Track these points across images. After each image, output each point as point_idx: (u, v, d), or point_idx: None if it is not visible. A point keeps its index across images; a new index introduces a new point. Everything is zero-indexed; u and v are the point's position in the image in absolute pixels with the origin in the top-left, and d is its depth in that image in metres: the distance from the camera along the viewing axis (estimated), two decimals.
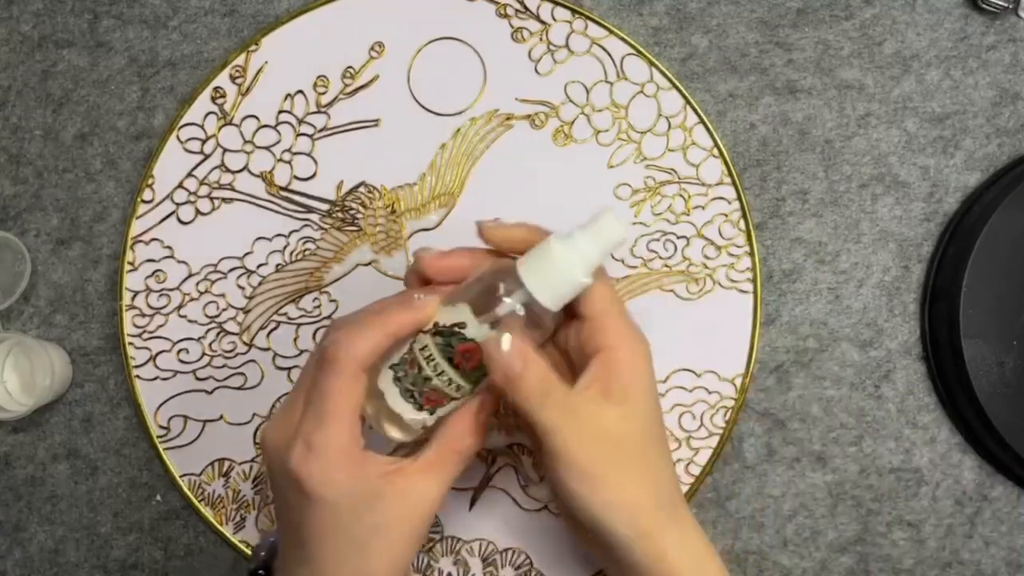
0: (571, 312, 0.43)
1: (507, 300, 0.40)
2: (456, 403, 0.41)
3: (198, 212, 0.55)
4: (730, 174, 0.55)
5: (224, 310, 0.55)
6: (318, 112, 0.55)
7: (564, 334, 0.44)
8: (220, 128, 0.55)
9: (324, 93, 0.55)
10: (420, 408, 0.41)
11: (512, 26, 0.55)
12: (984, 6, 0.55)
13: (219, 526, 0.54)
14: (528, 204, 0.55)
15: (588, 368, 0.41)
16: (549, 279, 0.40)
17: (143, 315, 0.55)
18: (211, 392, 0.55)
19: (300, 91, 0.55)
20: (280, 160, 0.55)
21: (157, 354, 0.55)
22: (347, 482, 0.39)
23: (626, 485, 0.41)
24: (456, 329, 0.40)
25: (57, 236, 0.57)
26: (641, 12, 0.56)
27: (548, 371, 0.40)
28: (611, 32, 0.55)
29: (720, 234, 0.55)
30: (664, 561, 0.41)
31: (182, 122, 0.55)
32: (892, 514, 0.54)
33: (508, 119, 0.55)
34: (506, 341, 0.39)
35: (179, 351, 0.55)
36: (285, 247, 0.55)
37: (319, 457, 0.39)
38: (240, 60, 0.55)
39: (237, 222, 0.55)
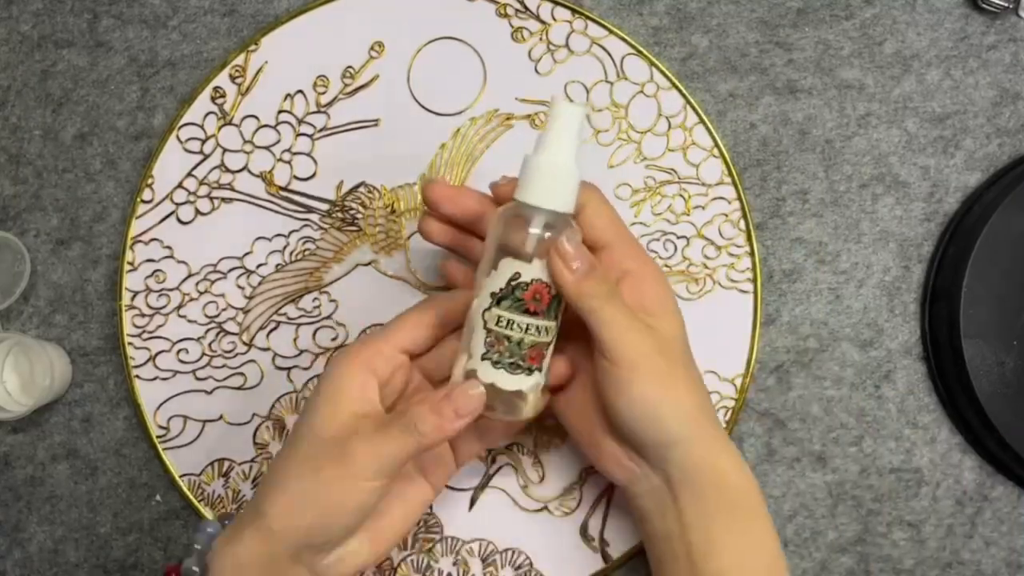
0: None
1: (532, 231, 0.41)
2: (551, 346, 0.43)
3: (198, 212, 0.55)
4: (730, 174, 0.55)
5: (224, 310, 0.55)
6: (318, 112, 0.55)
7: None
8: (220, 128, 0.55)
9: (324, 93, 0.55)
10: (531, 372, 0.42)
11: (512, 26, 0.55)
12: (984, 6, 0.55)
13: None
14: None
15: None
16: (547, 187, 0.41)
17: (143, 315, 0.55)
18: (211, 392, 0.55)
19: (300, 91, 0.55)
20: (280, 160, 0.55)
21: (157, 354, 0.55)
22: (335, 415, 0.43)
23: (679, 385, 0.43)
24: (512, 282, 0.41)
25: (57, 236, 0.57)
26: (641, 12, 0.56)
27: (608, 271, 0.43)
28: (611, 32, 0.55)
29: (720, 234, 0.55)
30: (710, 467, 0.43)
31: (182, 122, 0.55)
32: (892, 514, 0.54)
33: (508, 119, 0.55)
34: (567, 243, 0.41)
35: (179, 351, 0.55)
36: (285, 247, 0.55)
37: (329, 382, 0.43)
38: (240, 60, 0.55)
39: (237, 222, 0.55)
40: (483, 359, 0.42)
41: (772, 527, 0.44)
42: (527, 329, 0.41)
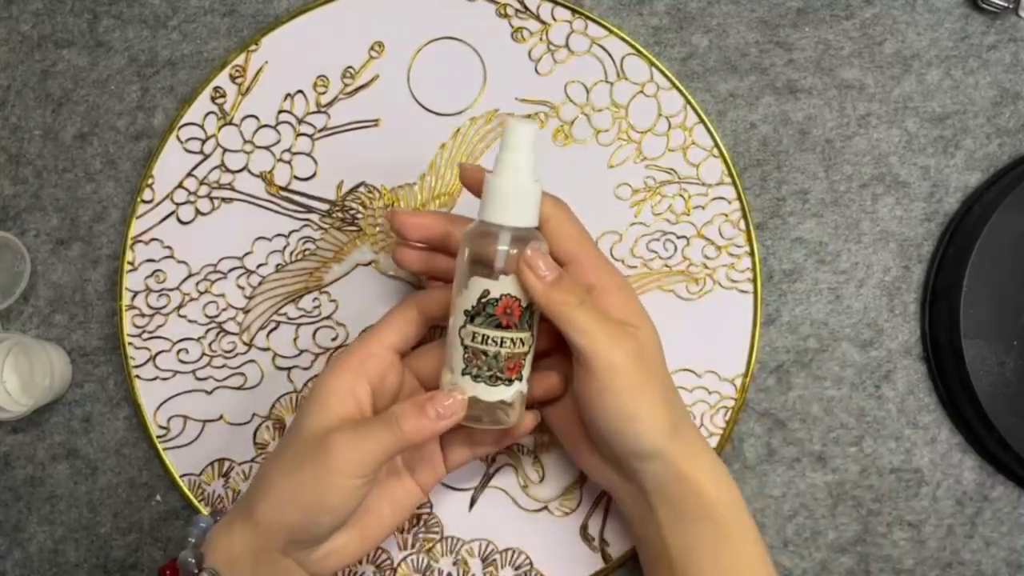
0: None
1: (499, 248, 0.42)
2: (529, 355, 0.44)
3: (198, 212, 0.55)
4: (730, 174, 0.55)
5: (224, 310, 0.55)
6: (318, 112, 0.55)
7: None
8: (220, 128, 0.55)
9: (324, 93, 0.55)
10: (510, 382, 0.43)
11: (512, 26, 0.55)
12: (984, 6, 0.55)
13: None
14: None
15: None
16: (508, 205, 0.42)
17: (143, 315, 0.55)
18: (211, 392, 0.55)
19: (300, 91, 0.55)
20: (280, 160, 0.55)
21: (157, 354, 0.55)
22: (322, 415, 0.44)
23: (655, 397, 0.43)
24: (482, 300, 0.42)
25: (57, 236, 0.57)
26: (641, 12, 0.56)
27: (577, 281, 0.43)
28: (611, 32, 0.55)
29: (720, 234, 0.55)
30: (687, 478, 0.43)
31: (182, 122, 0.55)
32: (892, 514, 0.54)
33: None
34: (533, 254, 0.42)
35: (179, 351, 0.55)
36: (285, 247, 0.55)
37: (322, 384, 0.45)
38: (240, 60, 0.55)
39: (237, 222, 0.55)
40: (463, 374, 0.43)
41: (756, 537, 0.44)
42: (502, 343, 0.42)
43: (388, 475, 0.47)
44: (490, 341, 0.42)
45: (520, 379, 0.44)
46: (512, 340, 0.43)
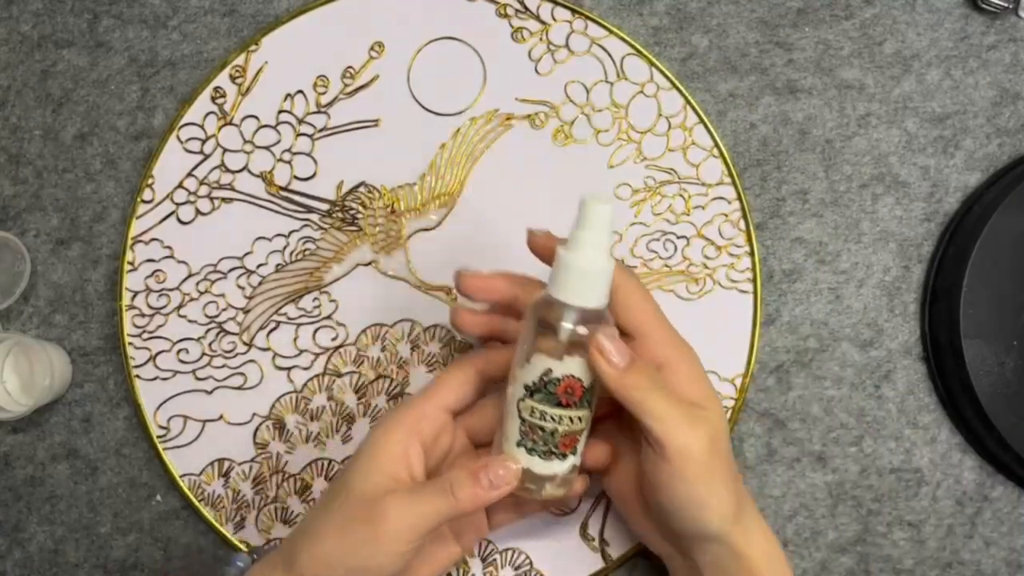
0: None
1: (565, 325, 0.41)
2: (586, 431, 0.43)
3: (198, 212, 0.55)
4: (730, 174, 0.55)
5: (224, 310, 0.55)
6: (318, 112, 0.55)
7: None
8: (220, 128, 0.55)
9: (324, 93, 0.55)
10: (564, 457, 0.43)
11: (512, 26, 0.55)
12: (984, 6, 0.55)
13: (219, 526, 0.54)
14: (528, 204, 0.55)
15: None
16: (580, 286, 0.41)
17: (143, 315, 0.55)
18: (211, 392, 0.55)
19: (300, 91, 0.55)
20: (280, 160, 0.55)
21: (157, 354, 0.55)
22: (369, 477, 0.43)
23: (723, 482, 0.43)
24: (544, 378, 0.41)
25: (57, 236, 0.57)
26: (641, 12, 0.56)
27: (651, 363, 0.42)
28: (611, 32, 0.55)
29: (720, 234, 0.55)
30: (744, 557, 0.43)
31: (182, 122, 0.55)
32: (892, 514, 0.54)
33: (508, 119, 0.55)
34: (605, 340, 0.41)
35: (179, 351, 0.55)
36: (285, 247, 0.55)
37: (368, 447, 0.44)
38: (240, 60, 0.55)
39: (237, 222, 0.55)
40: (518, 445, 0.42)
41: None
42: (560, 420, 0.42)
43: (433, 538, 0.46)
44: (548, 418, 0.42)
45: (575, 454, 0.43)
46: (571, 418, 0.42)
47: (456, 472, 0.42)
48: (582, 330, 0.41)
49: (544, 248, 0.44)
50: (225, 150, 0.55)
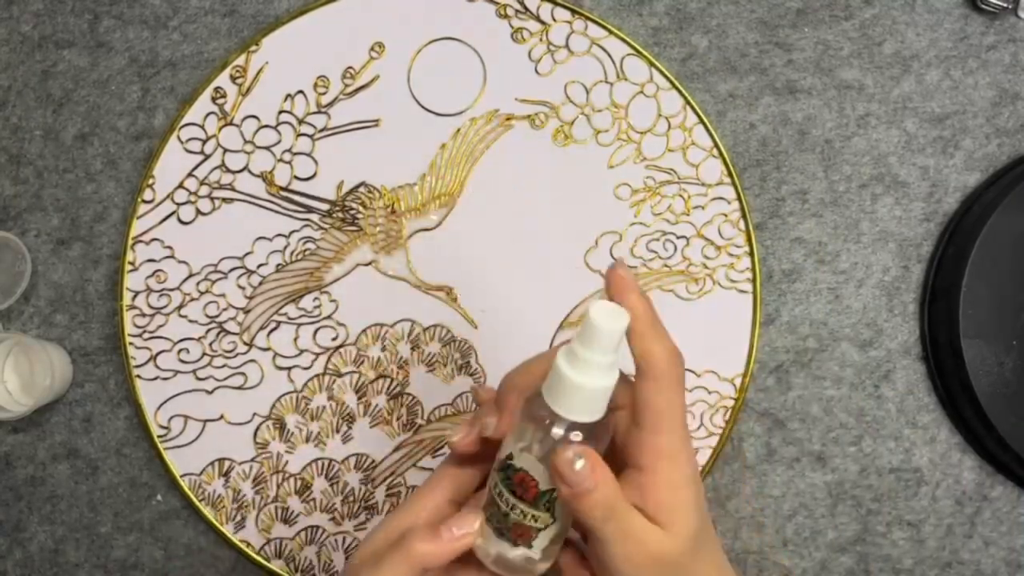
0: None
1: (555, 430, 0.38)
2: (549, 532, 0.40)
3: (198, 212, 0.55)
4: (730, 174, 0.55)
5: (224, 310, 0.55)
6: (318, 112, 0.55)
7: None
8: (220, 128, 0.55)
9: (324, 93, 0.55)
10: (515, 544, 0.40)
11: (512, 26, 0.55)
12: (984, 6, 0.55)
13: (219, 526, 0.54)
14: (528, 204, 0.55)
15: (628, 479, 0.40)
16: (575, 399, 0.38)
17: (143, 315, 0.55)
18: (211, 392, 0.55)
19: (300, 91, 0.55)
20: (280, 160, 0.55)
21: (157, 354, 0.55)
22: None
23: None
24: (507, 460, 0.39)
25: (57, 236, 0.57)
26: (641, 12, 0.56)
27: (615, 489, 0.39)
28: (611, 32, 0.55)
29: (720, 234, 0.55)
30: None
31: (182, 122, 0.55)
32: (892, 514, 0.54)
33: (508, 119, 0.55)
34: (579, 463, 0.38)
35: (179, 351, 0.55)
36: (285, 247, 0.55)
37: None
38: (240, 60, 0.55)
39: (237, 222, 0.55)
40: (483, 508, 0.40)
41: None
42: (512, 508, 0.39)
43: None
44: (504, 499, 0.39)
45: (529, 547, 0.40)
46: (523, 512, 0.39)
47: (414, 530, 0.41)
48: (572, 434, 0.38)
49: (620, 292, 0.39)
50: (226, 150, 0.55)
